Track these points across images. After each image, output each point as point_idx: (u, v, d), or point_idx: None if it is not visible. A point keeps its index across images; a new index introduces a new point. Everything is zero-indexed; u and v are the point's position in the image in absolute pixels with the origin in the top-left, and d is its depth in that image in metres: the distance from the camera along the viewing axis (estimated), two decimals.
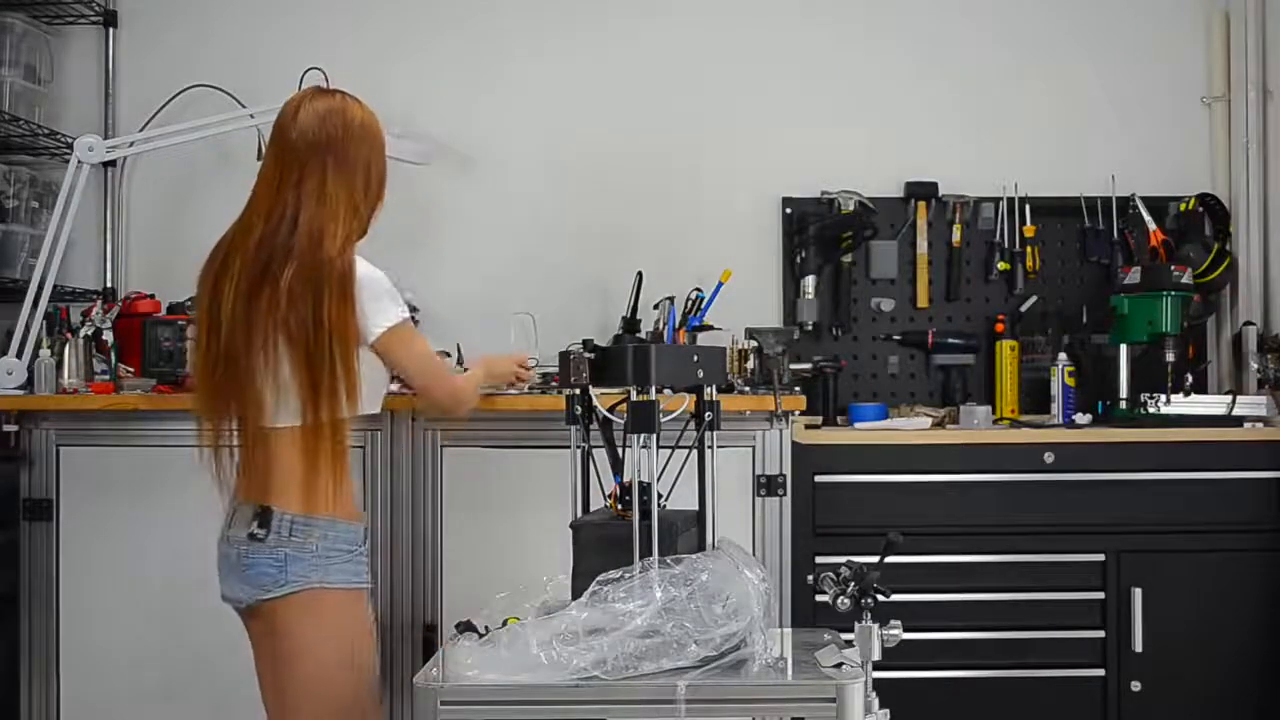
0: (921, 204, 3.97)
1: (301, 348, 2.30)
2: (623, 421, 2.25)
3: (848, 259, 3.94)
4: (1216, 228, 3.93)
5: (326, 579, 2.33)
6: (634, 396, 2.20)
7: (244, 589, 2.36)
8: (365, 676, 2.41)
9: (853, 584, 2.14)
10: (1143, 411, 3.58)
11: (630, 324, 3.69)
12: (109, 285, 3.92)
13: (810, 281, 3.91)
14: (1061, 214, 3.98)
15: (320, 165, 2.41)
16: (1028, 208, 3.96)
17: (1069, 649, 3.39)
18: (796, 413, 3.31)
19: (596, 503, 2.40)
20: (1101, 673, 3.39)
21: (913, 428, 3.55)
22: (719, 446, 2.38)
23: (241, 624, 2.48)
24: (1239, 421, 3.54)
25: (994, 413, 3.78)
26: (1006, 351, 3.88)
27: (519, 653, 2.04)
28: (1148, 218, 3.91)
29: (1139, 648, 3.37)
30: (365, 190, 2.48)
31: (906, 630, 2.15)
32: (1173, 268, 3.71)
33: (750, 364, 3.43)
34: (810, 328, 3.91)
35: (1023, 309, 3.95)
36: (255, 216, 2.41)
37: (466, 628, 2.16)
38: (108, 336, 3.43)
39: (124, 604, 3.26)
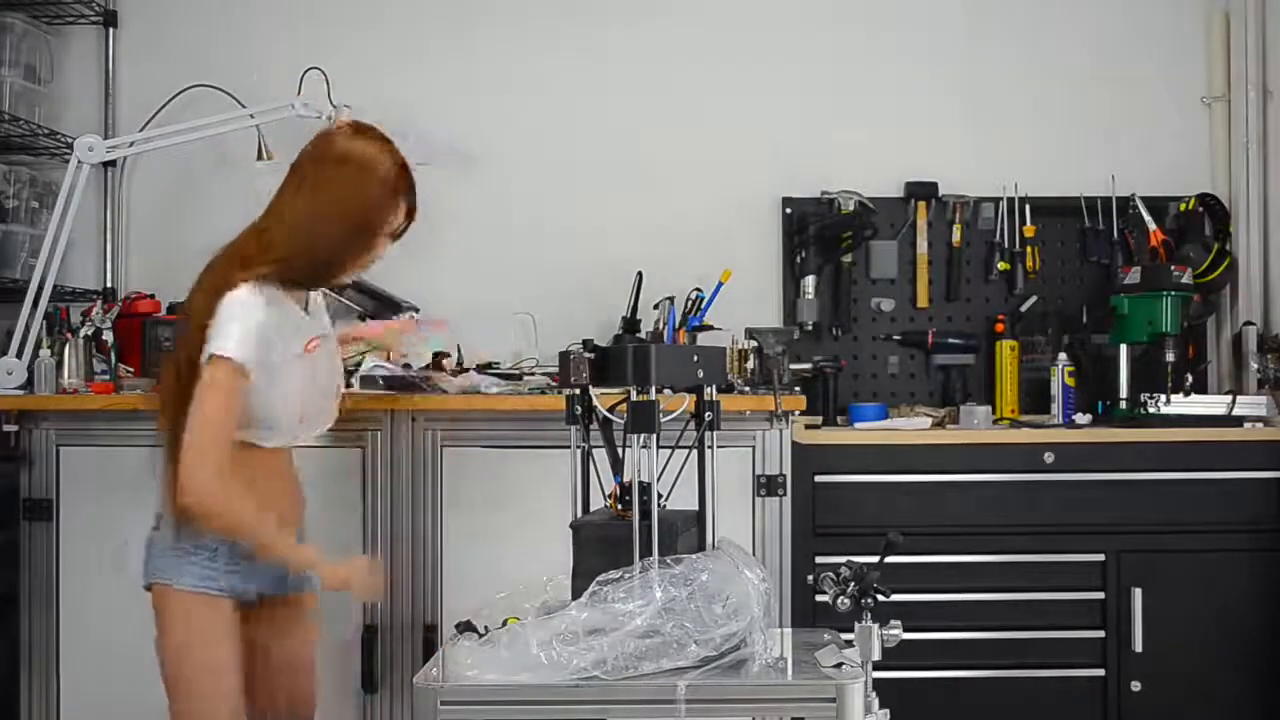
0: (921, 204, 3.97)
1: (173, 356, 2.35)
2: (623, 421, 2.25)
3: (848, 259, 3.93)
4: (1216, 228, 3.93)
5: (176, 579, 2.33)
6: (634, 396, 2.20)
7: None
8: (217, 686, 2.35)
9: (853, 584, 2.14)
10: (1143, 411, 3.58)
11: (630, 324, 3.69)
12: (109, 285, 3.92)
13: (810, 281, 3.91)
14: (1061, 214, 3.98)
15: (282, 183, 2.40)
16: (1028, 208, 3.96)
17: (1069, 649, 3.39)
18: (796, 413, 3.31)
19: (596, 503, 2.40)
20: (1101, 673, 3.39)
21: (913, 428, 3.55)
22: (719, 446, 2.37)
23: None
24: (1239, 421, 3.54)
25: (994, 413, 3.78)
26: (1006, 351, 3.88)
27: (519, 653, 2.04)
28: (1148, 218, 3.91)
29: (1139, 648, 3.37)
30: (310, 227, 2.33)
31: (906, 630, 2.15)
32: (1173, 268, 3.71)
33: (750, 364, 3.43)
34: (810, 328, 3.91)
35: (1023, 309, 3.95)
36: None
37: (466, 628, 2.16)
38: (108, 336, 3.43)
39: (124, 604, 3.25)
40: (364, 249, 2.41)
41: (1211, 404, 3.62)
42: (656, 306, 3.70)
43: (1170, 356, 3.66)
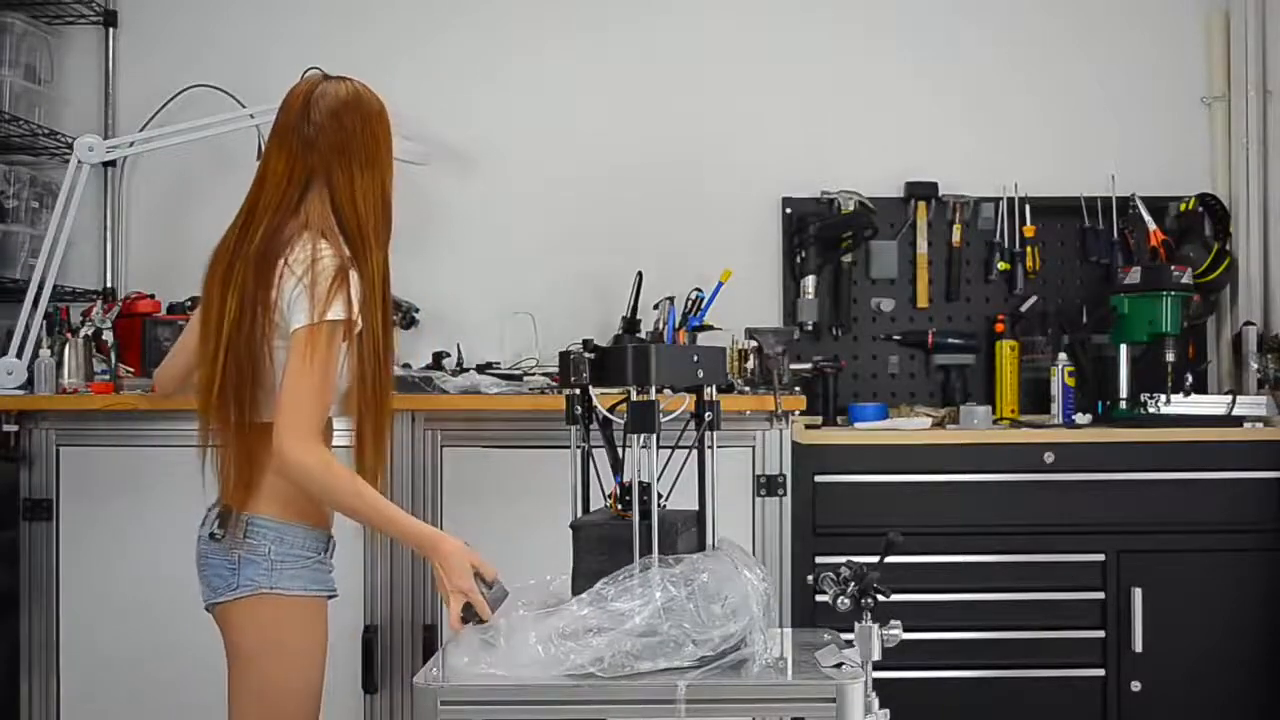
0: (921, 204, 3.97)
1: None
2: (623, 421, 2.24)
3: (848, 259, 3.94)
4: (1216, 228, 3.93)
5: (284, 586, 2.23)
6: (634, 396, 2.20)
7: (202, 590, 2.30)
8: (312, 690, 2.31)
9: (853, 584, 2.13)
10: (1143, 411, 3.59)
11: (630, 324, 3.69)
12: (109, 285, 3.92)
13: (810, 281, 3.91)
14: (1061, 214, 3.98)
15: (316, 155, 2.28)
16: (1028, 208, 3.96)
17: (1069, 649, 3.39)
18: (796, 413, 3.32)
19: (596, 503, 2.40)
20: (1101, 673, 3.39)
21: (913, 428, 3.55)
22: (719, 446, 2.37)
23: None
24: (1239, 421, 3.54)
25: (994, 413, 3.78)
26: (1006, 351, 3.88)
27: (518, 652, 2.04)
28: (1148, 218, 3.91)
29: (1139, 648, 3.37)
30: (371, 190, 2.29)
31: (906, 630, 2.15)
32: (1173, 268, 3.71)
33: (750, 364, 3.44)
34: (810, 328, 3.91)
35: (1023, 309, 3.95)
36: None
37: (470, 616, 2.17)
38: (108, 336, 3.43)
39: (124, 604, 3.26)
40: (390, 190, 2.34)
41: (1211, 404, 3.62)
42: (656, 306, 3.70)
43: (1170, 356, 3.66)
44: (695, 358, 2.37)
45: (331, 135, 2.28)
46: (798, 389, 3.41)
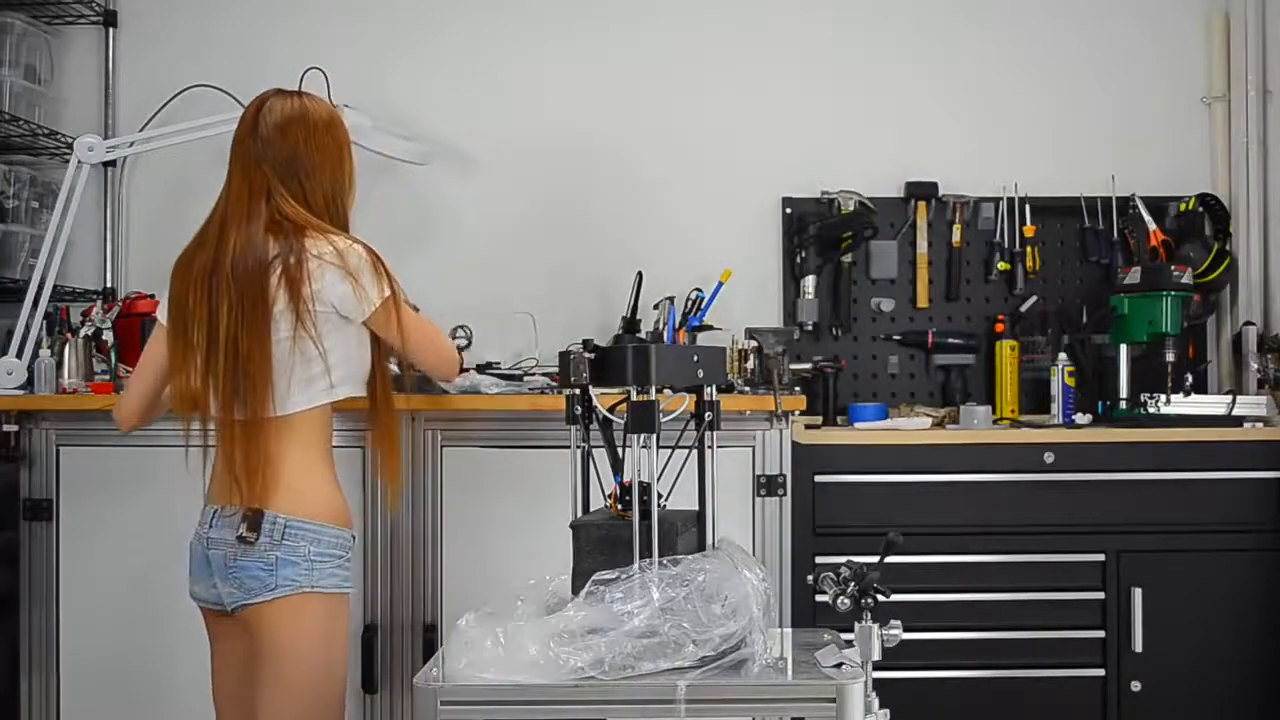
0: (921, 204, 3.97)
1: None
2: (623, 421, 2.25)
3: (848, 259, 3.94)
4: (1216, 228, 3.93)
5: (321, 584, 2.32)
6: (634, 396, 2.20)
7: (226, 592, 2.33)
8: (342, 681, 2.40)
9: (853, 584, 2.14)
10: (1143, 411, 3.58)
11: (630, 324, 3.69)
12: (109, 285, 3.92)
13: (810, 281, 3.90)
14: (1061, 214, 3.98)
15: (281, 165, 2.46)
16: (1028, 208, 3.96)
17: (1069, 649, 3.39)
18: (796, 413, 3.31)
19: (596, 503, 2.40)
20: (1101, 673, 3.39)
21: (913, 428, 3.55)
22: (719, 446, 2.37)
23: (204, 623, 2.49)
24: (1239, 421, 3.54)
25: (994, 413, 3.78)
26: (1006, 351, 3.88)
27: (517, 653, 2.04)
28: (1148, 218, 3.91)
29: (1139, 648, 3.37)
30: (339, 196, 2.51)
31: (906, 630, 2.15)
32: (1173, 268, 3.71)
33: (750, 364, 3.44)
34: (810, 328, 3.91)
35: (1023, 309, 3.95)
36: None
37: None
38: (108, 336, 3.43)
39: (124, 604, 3.26)
40: (344, 196, 2.54)
41: (1211, 404, 3.62)
42: (656, 306, 3.70)
43: (1170, 356, 3.66)
44: (695, 358, 2.37)
45: (277, 148, 2.44)
46: (798, 389, 3.41)
